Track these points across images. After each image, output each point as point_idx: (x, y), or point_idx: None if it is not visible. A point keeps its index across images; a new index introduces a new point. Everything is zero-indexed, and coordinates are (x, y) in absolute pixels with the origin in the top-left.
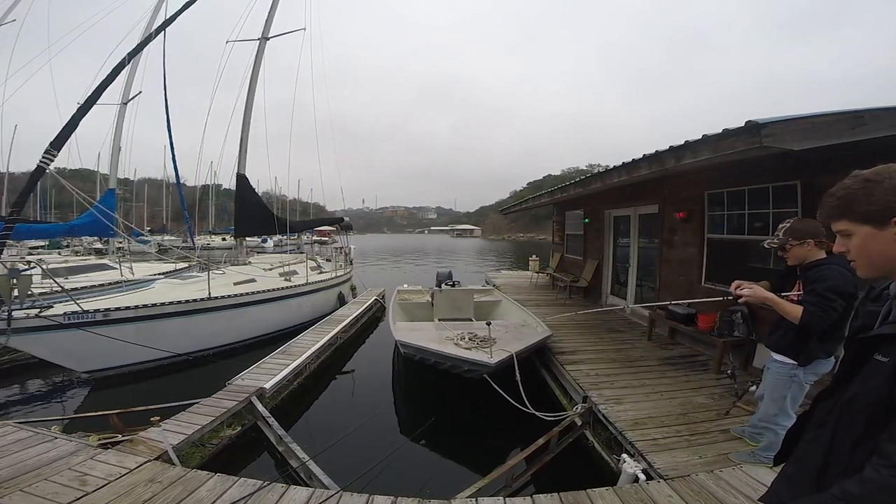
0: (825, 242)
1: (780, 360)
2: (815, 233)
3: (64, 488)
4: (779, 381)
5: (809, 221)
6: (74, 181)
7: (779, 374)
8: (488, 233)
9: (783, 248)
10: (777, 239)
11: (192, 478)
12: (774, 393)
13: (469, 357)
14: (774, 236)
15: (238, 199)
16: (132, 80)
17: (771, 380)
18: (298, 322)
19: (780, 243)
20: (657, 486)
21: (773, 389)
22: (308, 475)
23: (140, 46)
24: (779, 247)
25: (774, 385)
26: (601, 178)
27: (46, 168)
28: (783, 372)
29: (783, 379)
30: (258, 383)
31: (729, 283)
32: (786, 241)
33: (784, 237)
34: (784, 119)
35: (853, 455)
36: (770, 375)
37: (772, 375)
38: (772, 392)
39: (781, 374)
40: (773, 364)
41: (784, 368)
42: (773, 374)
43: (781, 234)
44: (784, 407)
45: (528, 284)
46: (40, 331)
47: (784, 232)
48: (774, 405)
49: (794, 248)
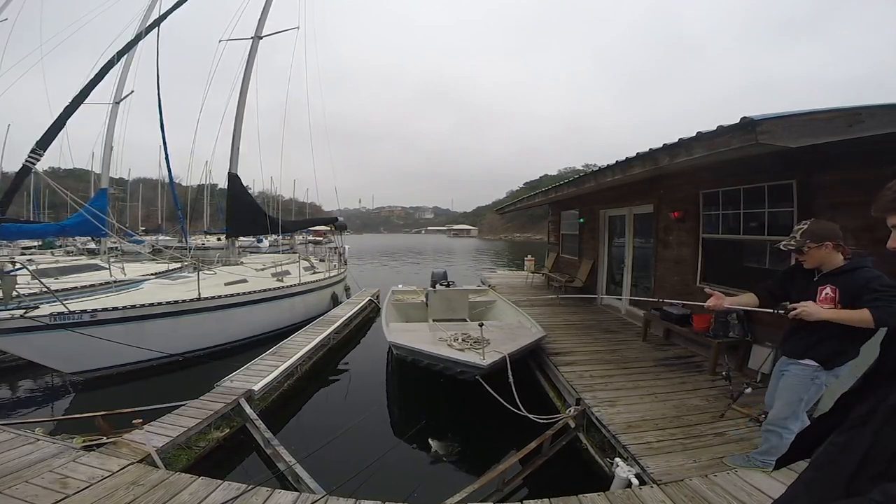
0: (843, 245)
1: (802, 364)
2: (833, 235)
3: (44, 490)
4: (798, 385)
5: (827, 224)
6: (68, 181)
7: (799, 378)
8: (485, 233)
9: (801, 251)
10: (794, 241)
11: (175, 481)
12: (792, 396)
13: (461, 359)
14: (791, 238)
15: (230, 199)
16: (125, 80)
17: (789, 383)
18: (290, 323)
19: (797, 246)
20: (650, 492)
21: (790, 392)
22: (295, 479)
23: (130, 45)
24: (796, 249)
25: (793, 388)
26: (595, 177)
27: (32, 167)
28: (804, 375)
29: (803, 382)
30: (247, 385)
31: (726, 284)
32: (804, 244)
33: (802, 239)
34: (779, 116)
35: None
36: (788, 379)
37: (791, 379)
38: (789, 395)
39: (802, 377)
40: (794, 367)
41: (806, 371)
42: (793, 377)
43: (799, 237)
44: (797, 411)
45: (523, 284)
46: (25, 332)
47: (801, 234)
48: (788, 408)
49: (812, 250)
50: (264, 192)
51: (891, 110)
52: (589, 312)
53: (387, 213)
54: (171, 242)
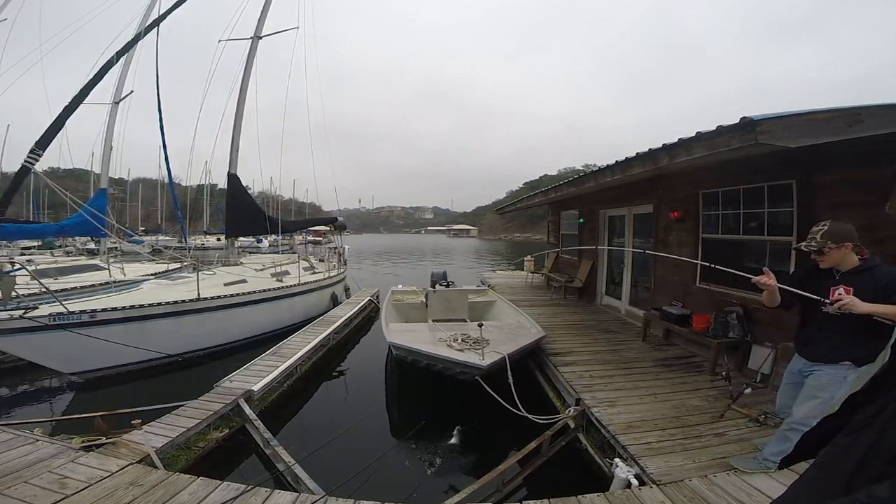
0: (860, 246)
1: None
2: (852, 236)
3: (43, 491)
4: (832, 384)
5: (845, 225)
6: (68, 181)
7: (833, 377)
8: (485, 233)
9: (821, 252)
10: (815, 242)
11: (174, 481)
12: (825, 395)
13: (461, 359)
14: (811, 240)
15: (229, 199)
16: (124, 80)
17: (822, 383)
18: (290, 323)
19: (818, 246)
20: (650, 493)
21: (823, 392)
22: (294, 479)
23: (129, 44)
24: (817, 250)
25: (825, 388)
26: (595, 177)
27: (31, 167)
28: (838, 374)
29: (837, 381)
30: (247, 385)
31: (724, 284)
32: (824, 245)
33: (823, 240)
34: (779, 115)
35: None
36: (821, 379)
37: (824, 378)
38: (822, 395)
39: (836, 376)
40: (827, 368)
41: (840, 370)
42: (826, 376)
43: (819, 238)
44: (825, 408)
45: (523, 285)
46: (25, 332)
47: (822, 235)
48: (820, 407)
49: (832, 251)
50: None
51: (890, 110)
52: (588, 312)
53: (386, 213)
54: (170, 242)
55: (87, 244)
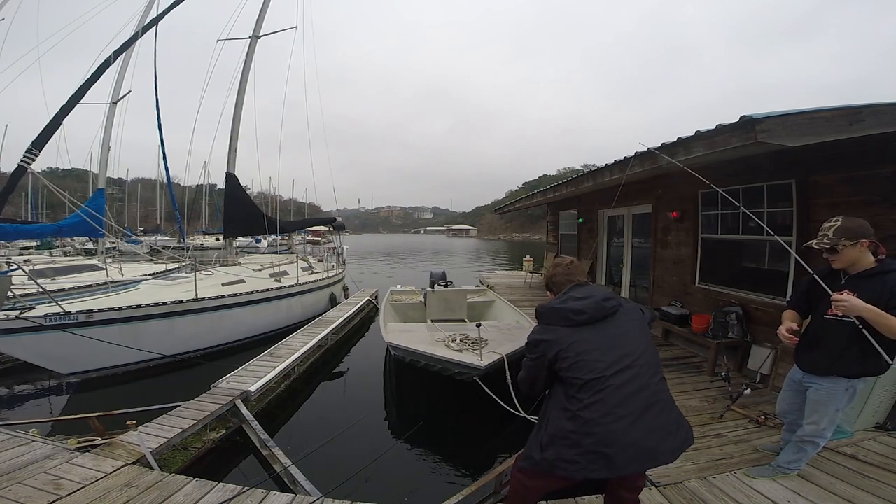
0: (876, 243)
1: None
2: (867, 232)
3: (37, 492)
4: (833, 398)
5: (859, 220)
6: (67, 181)
7: (833, 390)
8: (484, 233)
9: (834, 250)
10: (827, 239)
11: (169, 482)
12: (829, 409)
13: (459, 360)
14: (823, 237)
15: (227, 199)
16: (122, 80)
17: (824, 398)
18: (288, 323)
19: (831, 244)
20: (648, 494)
21: (826, 406)
22: (291, 480)
23: (127, 44)
24: (830, 248)
25: (828, 403)
26: (593, 177)
27: (28, 167)
28: (837, 387)
29: (838, 393)
30: (244, 386)
31: (724, 284)
32: (837, 242)
33: (835, 237)
34: (780, 114)
35: None
36: (821, 394)
37: (824, 393)
38: (826, 409)
39: (836, 389)
40: (825, 382)
41: (839, 384)
42: (825, 391)
43: (832, 234)
44: (836, 420)
45: (522, 285)
46: (20, 332)
47: (834, 231)
48: (826, 419)
49: (846, 248)
50: (263, 192)
51: (892, 108)
52: None
53: (385, 213)
54: (169, 243)
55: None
